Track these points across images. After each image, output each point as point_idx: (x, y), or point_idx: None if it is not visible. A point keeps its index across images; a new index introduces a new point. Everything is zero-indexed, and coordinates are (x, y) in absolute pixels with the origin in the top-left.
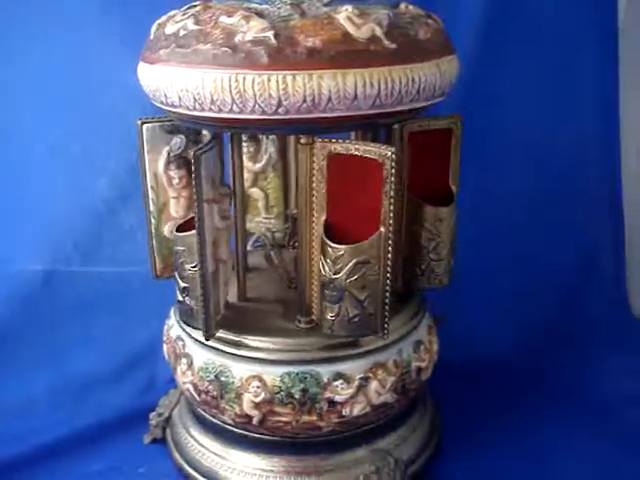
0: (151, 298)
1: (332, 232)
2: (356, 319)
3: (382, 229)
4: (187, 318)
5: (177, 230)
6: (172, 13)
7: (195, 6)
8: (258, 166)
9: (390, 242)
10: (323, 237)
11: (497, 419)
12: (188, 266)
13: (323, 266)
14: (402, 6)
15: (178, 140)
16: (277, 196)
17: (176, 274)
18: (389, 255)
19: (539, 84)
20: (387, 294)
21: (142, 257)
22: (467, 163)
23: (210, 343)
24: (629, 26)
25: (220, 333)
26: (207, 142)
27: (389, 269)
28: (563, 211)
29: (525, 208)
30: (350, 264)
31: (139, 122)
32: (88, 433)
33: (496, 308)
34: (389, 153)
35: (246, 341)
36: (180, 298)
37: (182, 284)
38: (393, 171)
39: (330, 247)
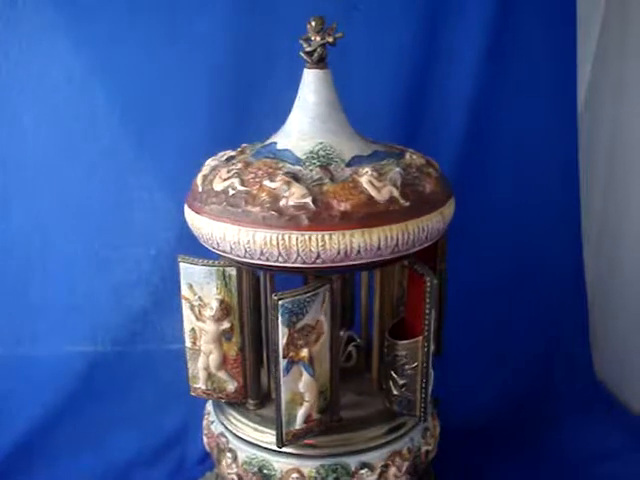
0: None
1: None
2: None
3: None
4: None
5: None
6: (213, 164)
7: (233, 158)
8: None
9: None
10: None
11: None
12: None
13: None
14: (407, 156)
15: None
16: None
17: None
18: None
19: (512, 174)
20: None
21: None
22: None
23: (252, 440)
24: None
25: (261, 433)
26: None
27: None
28: (533, 286)
29: (499, 284)
30: None
31: None
32: None
33: (473, 377)
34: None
35: None
36: None
37: None
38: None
39: None
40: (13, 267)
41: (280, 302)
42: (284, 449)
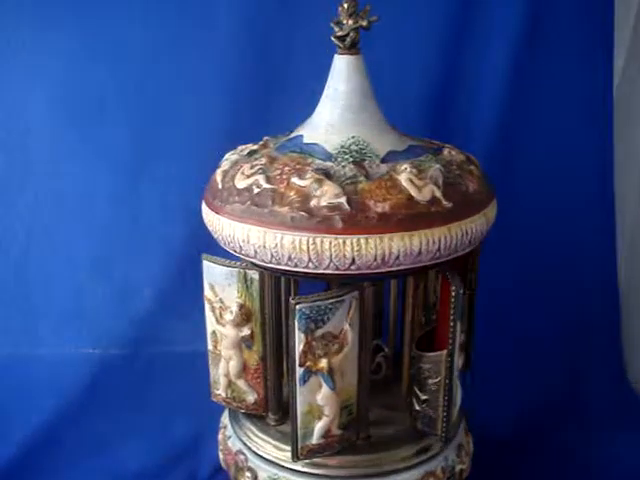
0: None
1: None
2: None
3: None
4: None
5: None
6: (234, 159)
7: (255, 152)
8: None
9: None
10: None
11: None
12: None
13: None
14: (446, 152)
15: None
16: None
17: None
18: None
19: (543, 174)
20: None
21: None
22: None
23: (274, 459)
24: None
25: (283, 451)
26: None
27: None
28: (564, 294)
29: (529, 292)
30: None
31: None
32: None
33: (503, 388)
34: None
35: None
36: None
37: None
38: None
39: None
40: (15, 267)
41: (297, 307)
42: (309, 469)
